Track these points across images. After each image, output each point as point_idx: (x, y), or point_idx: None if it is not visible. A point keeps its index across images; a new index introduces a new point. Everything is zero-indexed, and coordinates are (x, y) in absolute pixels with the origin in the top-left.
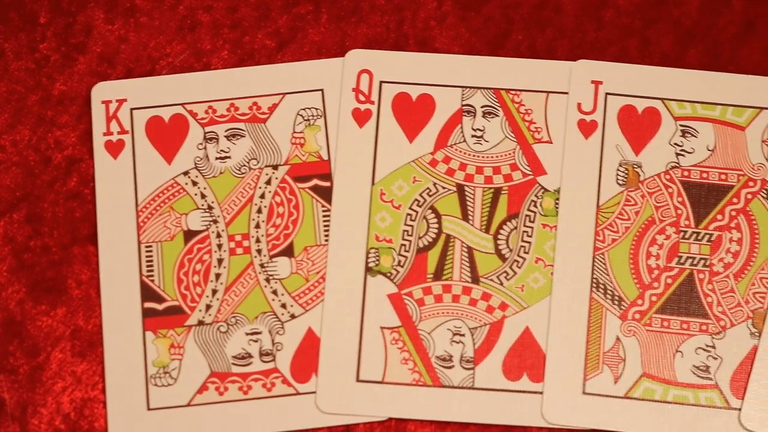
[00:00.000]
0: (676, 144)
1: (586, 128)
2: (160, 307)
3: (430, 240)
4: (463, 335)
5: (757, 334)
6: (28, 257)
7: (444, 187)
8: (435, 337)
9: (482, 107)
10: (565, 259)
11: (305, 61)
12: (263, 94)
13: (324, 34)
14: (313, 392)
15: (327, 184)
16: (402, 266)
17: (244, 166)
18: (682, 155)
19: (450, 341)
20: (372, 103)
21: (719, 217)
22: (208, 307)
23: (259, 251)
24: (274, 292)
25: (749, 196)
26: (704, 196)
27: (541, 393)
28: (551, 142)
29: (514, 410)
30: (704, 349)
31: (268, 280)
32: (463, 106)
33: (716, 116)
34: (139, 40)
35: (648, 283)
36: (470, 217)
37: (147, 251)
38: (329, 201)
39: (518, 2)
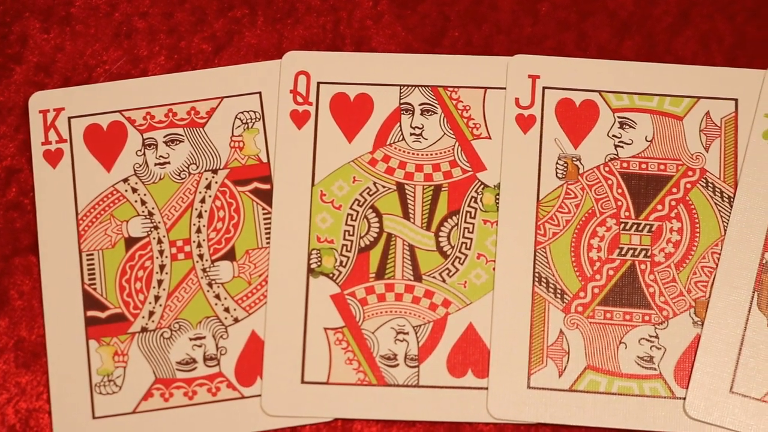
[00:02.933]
0: (614, 136)
1: (525, 123)
2: (103, 315)
3: (372, 239)
4: (406, 333)
5: (699, 323)
6: None
7: (384, 186)
8: (379, 336)
9: (420, 105)
10: (507, 254)
11: (242, 65)
12: (201, 98)
13: (260, 37)
14: (259, 395)
15: (267, 186)
16: (344, 266)
17: (184, 171)
18: (621, 147)
19: (394, 340)
20: (310, 104)
21: (659, 207)
22: (151, 313)
23: (200, 256)
24: (217, 297)
25: (688, 186)
26: (644, 187)
27: (486, 388)
28: (490, 138)
29: (459, 407)
30: (647, 340)
31: (210, 285)
32: (401, 104)
33: (654, 107)
34: (76, 49)
35: (590, 276)
36: (411, 216)
37: (88, 259)
38: (270, 203)
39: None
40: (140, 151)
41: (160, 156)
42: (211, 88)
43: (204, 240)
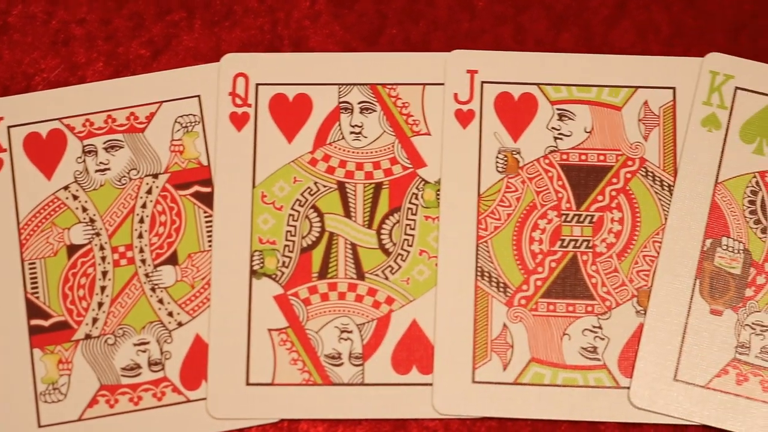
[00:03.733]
0: (553, 128)
1: (464, 118)
2: (46, 323)
3: (314, 239)
4: (350, 332)
5: (642, 312)
6: None
7: (325, 186)
8: (323, 335)
9: (359, 103)
10: (449, 249)
11: (181, 68)
12: (140, 103)
13: (198, 40)
14: (204, 399)
15: (208, 189)
16: (287, 267)
17: (125, 176)
18: (561, 139)
19: (338, 339)
20: (249, 106)
21: (600, 198)
22: (95, 320)
23: (143, 261)
24: (160, 301)
25: (628, 176)
26: (584, 178)
27: (430, 384)
28: (430, 134)
29: (405, 403)
30: (591, 331)
31: (153, 290)
32: (340, 103)
33: (592, 98)
34: (13, 57)
35: (532, 268)
36: (352, 214)
37: (31, 268)
38: (211, 206)
39: None
40: (80, 158)
41: (101, 162)
42: (150, 92)
43: (146, 245)
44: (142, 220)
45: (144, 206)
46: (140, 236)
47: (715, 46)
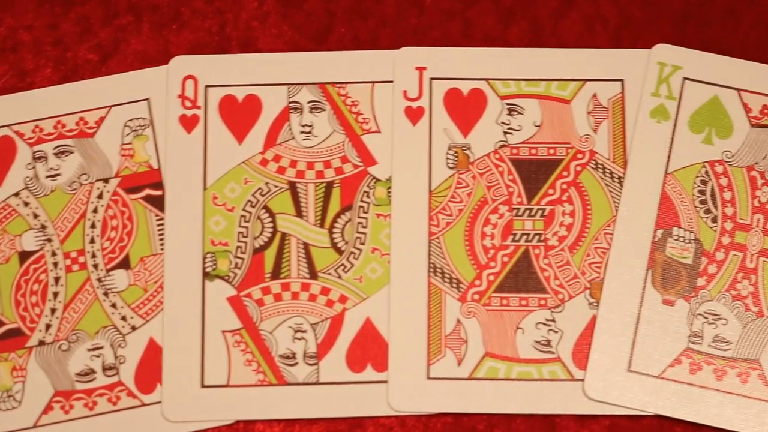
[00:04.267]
0: (503, 123)
1: (413, 115)
2: None
3: (266, 240)
4: (305, 331)
5: (595, 304)
6: None
7: (276, 186)
8: (277, 335)
9: (309, 103)
10: (401, 246)
11: (129, 72)
12: (89, 108)
13: (147, 44)
14: (159, 402)
15: (159, 192)
16: (239, 268)
17: (75, 182)
18: (510, 133)
19: (292, 339)
20: (198, 108)
21: (551, 191)
22: (48, 326)
23: (95, 266)
24: (114, 306)
25: (579, 168)
26: (534, 172)
27: (386, 382)
28: (380, 132)
29: (360, 401)
30: (544, 324)
31: (106, 294)
32: (289, 103)
33: (541, 92)
34: None
35: (485, 263)
36: (304, 213)
37: None
38: (162, 210)
39: None
40: (30, 164)
41: (51, 168)
42: (99, 97)
43: (98, 250)
44: (93, 225)
45: (95, 211)
46: (92, 241)
47: (662, 37)
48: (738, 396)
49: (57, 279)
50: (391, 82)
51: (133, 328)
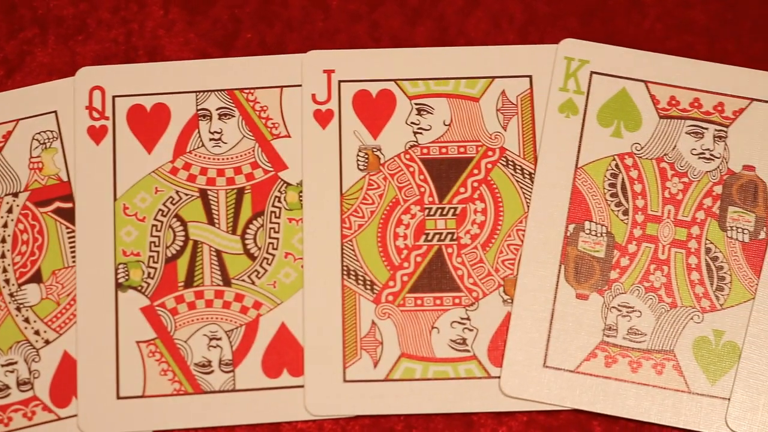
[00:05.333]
0: (412, 123)
1: (323, 118)
2: None
3: (178, 248)
4: (219, 339)
5: (509, 301)
6: None
7: (187, 194)
8: (192, 344)
9: (217, 110)
10: (314, 250)
11: (36, 85)
12: None
13: (53, 56)
14: (75, 415)
15: (69, 205)
16: (152, 278)
17: None
18: (420, 133)
19: (207, 346)
20: (107, 118)
21: (462, 189)
22: None
23: (6, 281)
24: (26, 320)
25: (489, 166)
26: (445, 171)
27: (302, 386)
28: (290, 136)
29: (277, 407)
30: (459, 322)
31: (19, 309)
32: (198, 110)
33: (449, 91)
34: None
35: (398, 264)
36: (216, 221)
37: None
38: (73, 222)
39: (244, 1)
40: None
41: None
42: (6, 111)
43: (9, 265)
44: (3, 240)
45: (5, 226)
46: (2, 256)
47: (569, 31)
48: (653, 387)
49: None
50: (300, 86)
51: (47, 342)
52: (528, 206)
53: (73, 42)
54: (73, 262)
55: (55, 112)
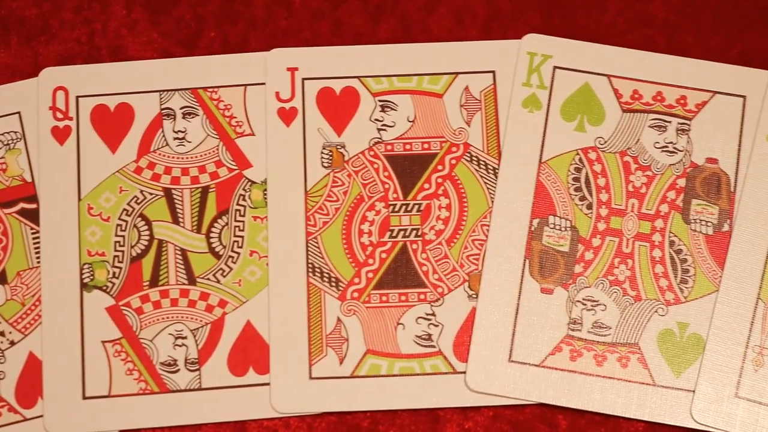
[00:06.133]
0: (376, 120)
1: (287, 116)
2: None
3: (143, 248)
4: (185, 338)
5: (474, 296)
6: None
7: (151, 193)
8: (157, 343)
9: (181, 109)
10: (279, 248)
11: None
12: None
13: (15, 57)
14: (41, 416)
15: (33, 206)
16: (117, 278)
17: None
18: (384, 130)
19: (173, 345)
20: (71, 119)
21: (426, 186)
22: None
23: None
24: None
25: (453, 162)
26: (409, 167)
27: (268, 384)
28: (254, 135)
29: (243, 405)
30: (425, 318)
31: None
32: (162, 110)
33: (413, 87)
34: None
35: (363, 261)
36: (180, 220)
37: None
38: (37, 223)
39: (207, 0)
40: None
41: None
42: None
43: None
44: None
45: None
46: None
47: (531, 27)
48: (619, 380)
49: None
50: (263, 84)
51: (12, 343)
52: (492, 201)
53: (35, 43)
54: (38, 262)
55: (18, 113)
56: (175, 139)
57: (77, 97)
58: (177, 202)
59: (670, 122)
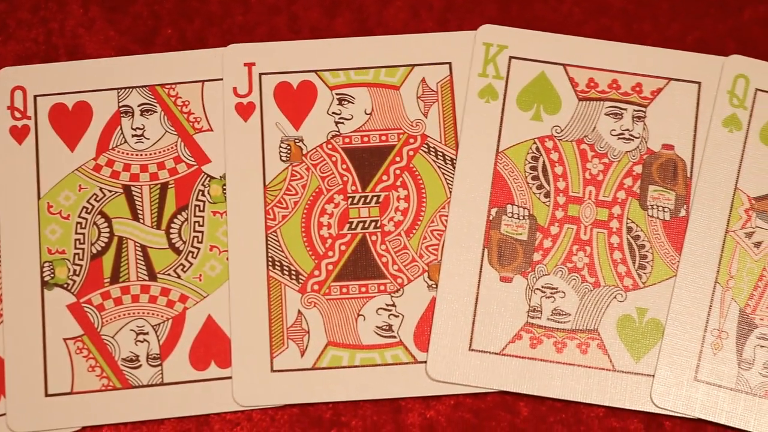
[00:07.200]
0: (334, 113)
1: (244, 111)
2: None
3: (103, 245)
4: (146, 334)
5: (434, 286)
6: None
7: (111, 191)
8: (119, 339)
9: (139, 106)
10: (238, 242)
11: None
12: None
13: None
14: (3, 414)
15: None
16: (78, 275)
17: None
18: (342, 123)
19: (135, 341)
20: (29, 118)
21: (384, 177)
22: None
23: None
24: None
25: (411, 153)
26: (368, 160)
27: (230, 378)
28: (212, 130)
29: (205, 399)
30: (385, 309)
31: None
32: (120, 107)
33: (370, 80)
34: None
35: (323, 253)
36: (140, 216)
37: None
38: None
39: None
40: None
41: None
42: None
43: None
44: None
45: None
46: None
47: (487, 18)
48: (579, 367)
49: None
50: (221, 80)
51: None
52: (450, 192)
53: None
54: None
55: None
56: (134, 136)
57: (35, 96)
58: (136, 199)
59: (625, 109)
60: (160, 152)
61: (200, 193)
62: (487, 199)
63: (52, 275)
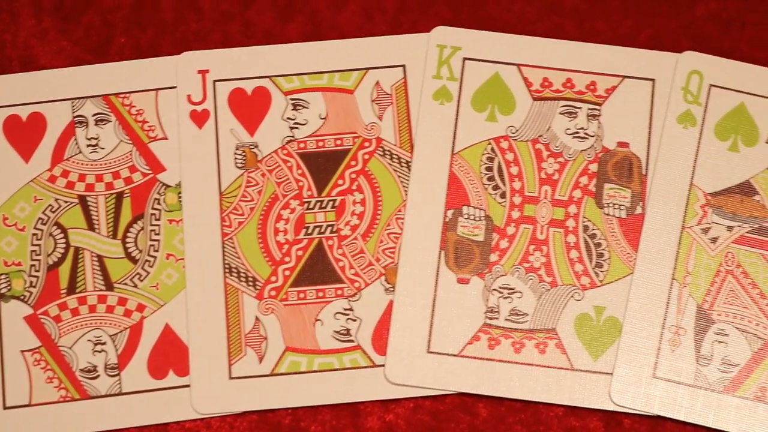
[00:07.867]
0: (289, 118)
1: (199, 118)
2: None
3: (59, 256)
4: (104, 344)
5: (391, 289)
6: None
7: (66, 201)
8: (77, 350)
9: (94, 116)
10: (195, 250)
11: None
12: None
13: None
14: None
15: None
16: (34, 287)
17: None
18: (297, 128)
19: (92, 352)
20: None
21: (340, 182)
22: None
23: None
24: None
25: (366, 157)
26: (323, 164)
27: (188, 386)
28: (167, 138)
29: (164, 408)
30: (342, 313)
31: None
32: (74, 117)
33: (324, 84)
34: None
35: (279, 259)
36: (96, 226)
37: None
38: None
39: (116, 6)
40: None
41: None
42: None
43: None
44: None
45: None
46: None
47: (441, 19)
48: (537, 366)
49: None
50: (175, 88)
51: None
52: (406, 194)
53: None
54: None
55: None
56: (89, 146)
57: None
58: (92, 209)
59: (580, 108)
60: (115, 161)
61: (156, 201)
62: (443, 201)
63: (8, 287)
